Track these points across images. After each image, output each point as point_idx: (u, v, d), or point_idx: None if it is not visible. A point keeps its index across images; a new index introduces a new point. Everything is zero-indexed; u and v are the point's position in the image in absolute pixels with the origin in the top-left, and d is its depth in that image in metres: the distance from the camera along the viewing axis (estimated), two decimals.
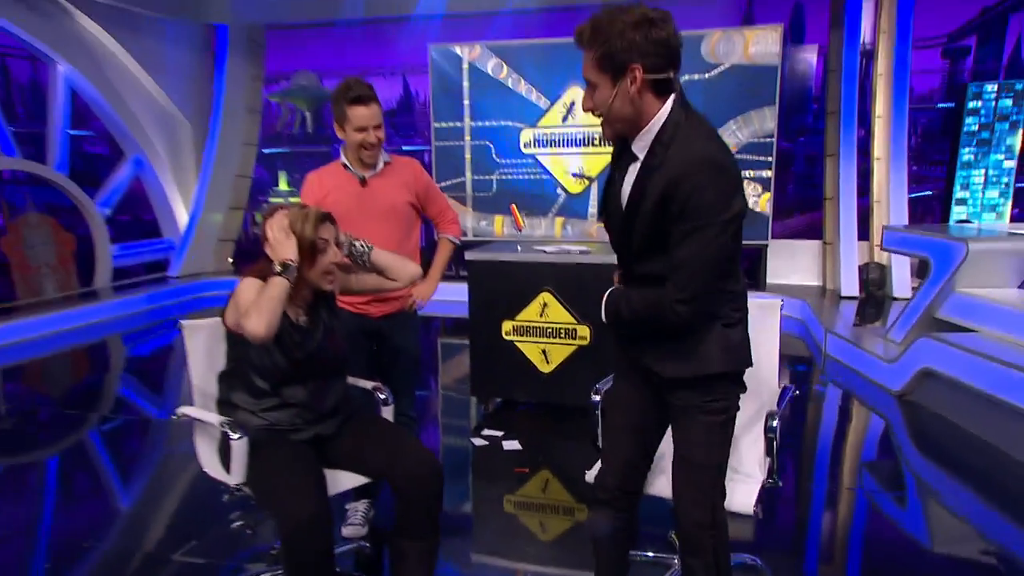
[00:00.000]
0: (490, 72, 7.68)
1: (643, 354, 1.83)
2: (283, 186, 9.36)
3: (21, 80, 7.85)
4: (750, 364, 1.83)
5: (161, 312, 7.79)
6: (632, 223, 1.73)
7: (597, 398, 2.33)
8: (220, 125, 8.96)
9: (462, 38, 8.00)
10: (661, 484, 2.06)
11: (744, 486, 2.14)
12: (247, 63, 9.01)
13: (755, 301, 2.41)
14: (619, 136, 1.76)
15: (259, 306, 1.98)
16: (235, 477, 2.13)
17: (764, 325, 2.41)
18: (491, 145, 7.93)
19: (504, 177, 7.97)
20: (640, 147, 1.70)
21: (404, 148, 9.33)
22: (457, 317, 6.48)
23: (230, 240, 9.43)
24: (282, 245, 2.10)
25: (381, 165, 2.86)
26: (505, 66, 7.63)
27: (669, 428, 1.94)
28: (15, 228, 7.14)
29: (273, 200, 9.27)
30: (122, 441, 4.28)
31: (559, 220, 7.82)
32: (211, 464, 2.31)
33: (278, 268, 2.05)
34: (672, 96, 1.68)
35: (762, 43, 6.98)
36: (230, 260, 9.44)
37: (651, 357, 1.81)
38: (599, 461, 2.22)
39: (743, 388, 1.85)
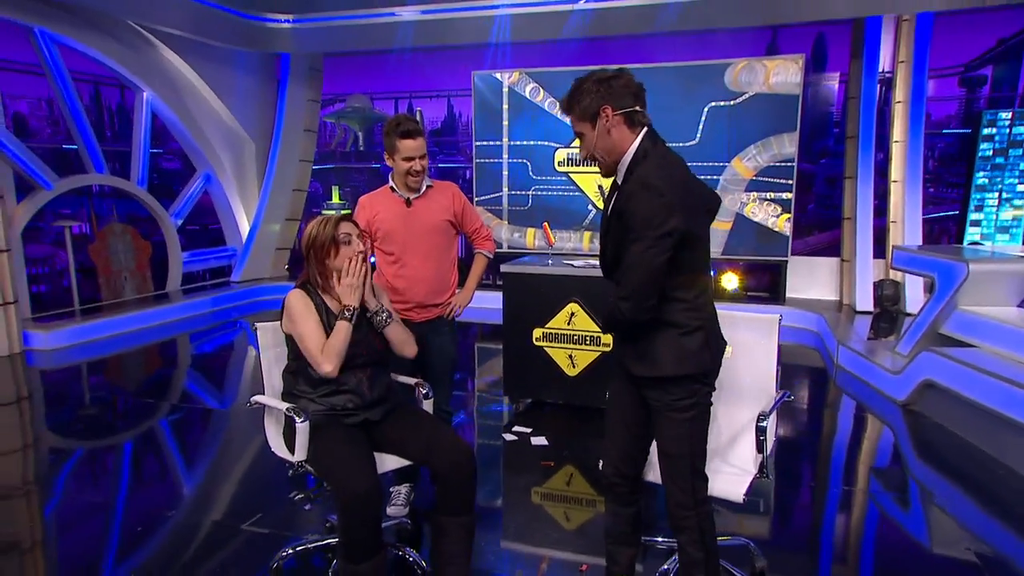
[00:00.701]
0: (527, 95, 7.90)
1: (623, 355, 2.09)
2: (336, 199, 9.56)
3: (111, 105, 8.28)
4: (711, 367, 2.03)
5: (223, 314, 8.04)
6: (605, 239, 2.03)
7: None
8: (280, 143, 9.26)
9: (502, 65, 8.23)
10: (656, 472, 2.24)
11: (737, 478, 2.31)
12: (306, 87, 9.31)
13: (755, 316, 2.62)
14: (611, 172, 2.06)
15: (331, 350, 2.35)
16: (299, 454, 2.37)
17: (763, 337, 2.57)
18: (528, 163, 8.14)
19: (538, 193, 8.16)
20: (620, 175, 2.01)
21: (447, 165, 9.62)
22: (492, 323, 6.68)
23: (286, 248, 9.70)
24: (347, 293, 2.40)
25: (424, 188, 3.09)
26: (542, 90, 7.85)
27: None
28: (102, 236, 7.53)
29: (326, 212, 9.55)
30: (190, 428, 4.54)
31: (587, 234, 7.98)
32: (278, 445, 2.56)
33: (345, 314, 2.38)
34: (644, 129, 1.98)
35: (783, 73, 7.08)
36: (286, 267, 9.74)
37: (626, 357, 2.07)
38: None
39: (711, 387, 2.06)
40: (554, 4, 7.60)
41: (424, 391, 2.76)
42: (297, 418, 2.34)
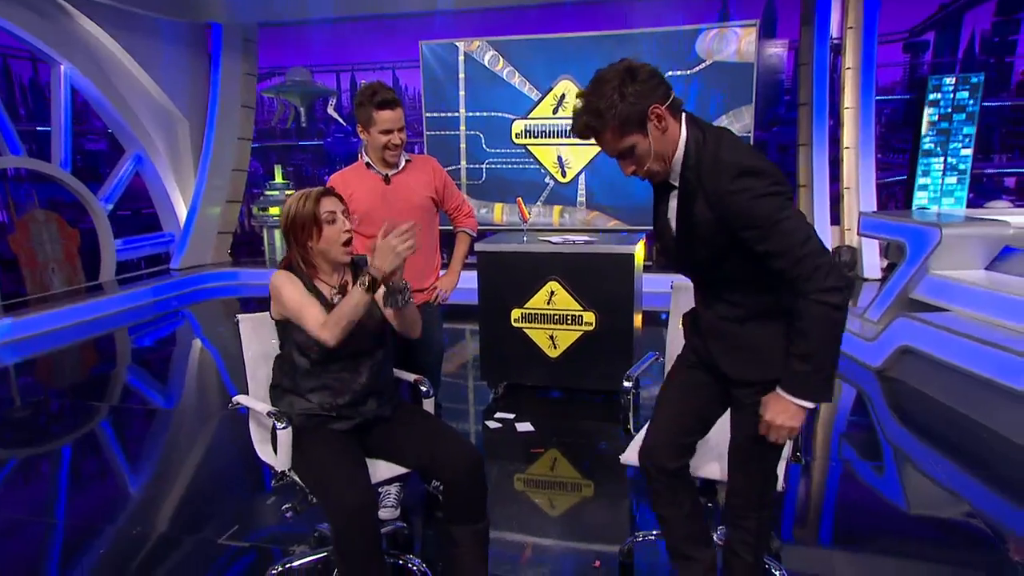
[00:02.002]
0: (487, 64, 7.66)
1: (712, 351, 1.83)
2: (278, 179, 9.24)
3: (23, 80, 7.65)
4: None
5: (164, 304, 7.65)
6: (691, 246, 1.72)
7: (628, 384, 2.33)
8: (216, 121, 8.83)
9: (450, 34, 7.96)
10: (712, 468, 2.08)
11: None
12: (241, 60, 8.84)
13: None
14: (665, 176, 1.73)
15: (336, 318, 2.01)
16: (280, 464, 2.13)
17: None
18: (481, 135, 7.92)
19: (492, 166, 7.98)
20: (674, 176, 1.71)
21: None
22: (460, 304, 6.47)
23: (228, 232, 9.32)
24: (385, 256, 1.97)
25: (403, 163, 2.87)
26: (501, 59, 7.62)
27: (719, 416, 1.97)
28: (23, 225, 6.99)
29: (268, 193, 9.14)
30: (136, 430, 4.21)
31: (557, 208, 7.84)
32: (264, 450, 2.30)
33: (365, 281, 1.98)
34: (683, 115, 1.68)
35: (735, 41, 7.09)
36: (228, 252, 9.34)
37: (721, 355, 1.80)
38: (632, 443, 2.26)
39: None
40: None
41: (425, 389, 2.47)
42: (279, 423, 2.08)
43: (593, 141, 1.67)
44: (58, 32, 7.13)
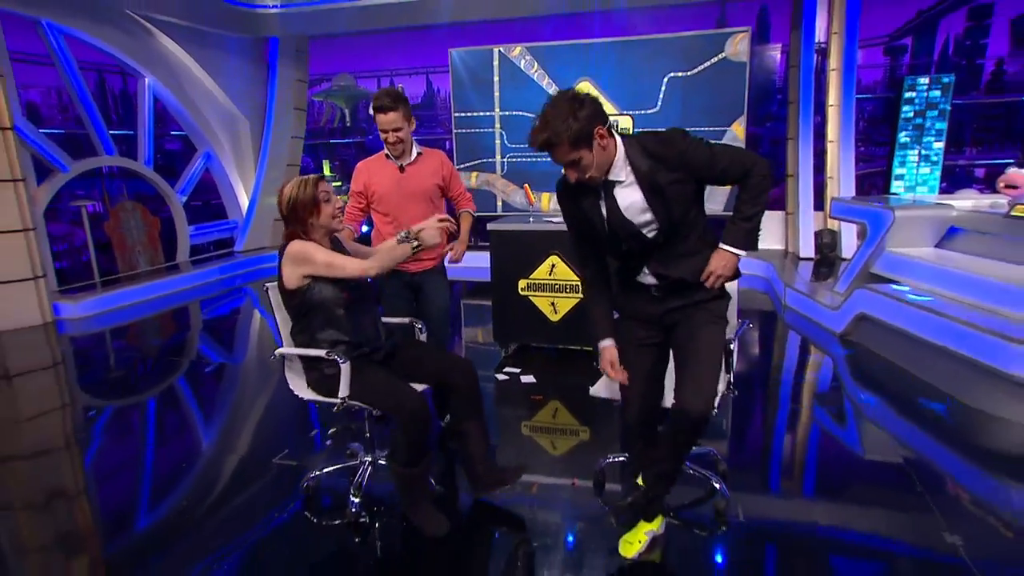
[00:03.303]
0: (522, 68, 7.79)
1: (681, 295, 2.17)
2: (326, 171, 9.52)
3: (115, 91, 8.10)
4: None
5: (229, 281, 7.99)
6: (668, 209, 2.01)
7: None
8: (272, 122, 9.16)
9: (475, 42, 8.13)
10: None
11: None
12: (293, 68, 9.17)
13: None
14: (598, 181, 2.01)
15: (382, 260, 2.40)
16: (343, 392, 2.41)
17: None
18: (503, 132, 8.08)
19: (512, 160, 8.14)
20: (619, 172, 2.01)
21: (427, 136, 9.56)
22: (479, 281, 6.74)
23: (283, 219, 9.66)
24: (432, 235, 2.45)
25: (414, 155, 3.10)
26: (535, 63, 7.75)
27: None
28: (115, 214, 7.43)
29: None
30: (210, 382, 4.58)
31: (546, 195, 7.95)
32: (301, 390, 2.61)
33: (413, 242, 2.43)
34: (616, 136, 2.00)
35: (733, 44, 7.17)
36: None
37: (687, 273, 2.12)
38: (600, 381, 2.59)
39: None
40: None
41: (419, 326, 2.87)
42: (340, 359, 2.39)
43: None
44: (143, 49, 7.54)
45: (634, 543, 2.32)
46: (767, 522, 2.57)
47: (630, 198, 2.03)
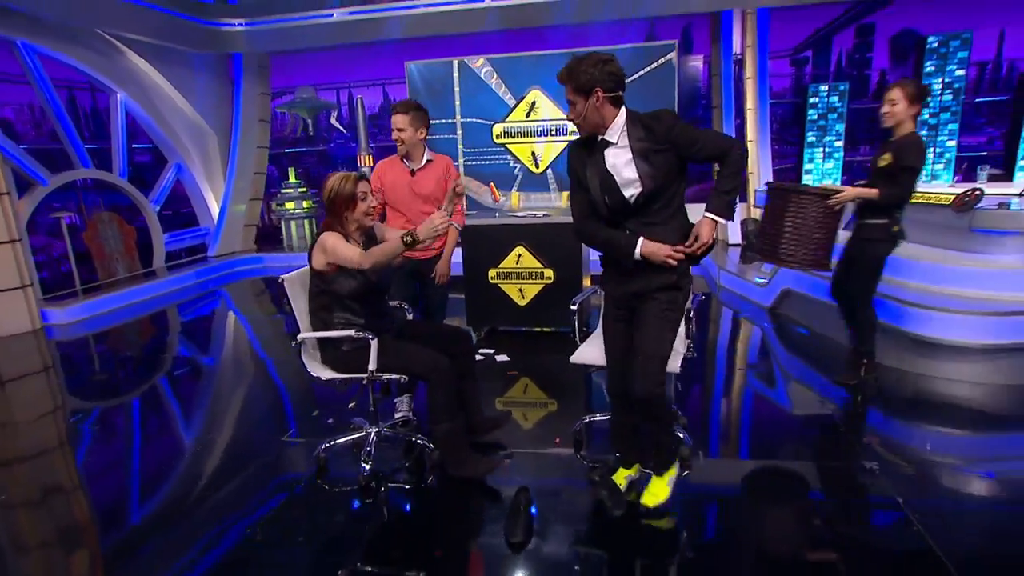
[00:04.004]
0: (482, 77, 7.80)
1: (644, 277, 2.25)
2: (292, 179, 9.39)
3: (86, 107, 7.84)
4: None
5: (204, 285, 7.82)
6: (652, 173, 2.11)
7: (574, 308, 2.84)
8: (239, 133, 9.01)
9: (429, 55, 8.07)
10: None
11: (675, 357, 2.60)
12: (257, 82, 9.04)
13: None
14: (591, 133, 2.18)
15: (374, 255, 2.45)
16: (372, 365, 2.54)
17: None
18: (458, 138, 8.05)
19: (468, 163, 8.14)
20: (613, 135, 2.14)
21: (385, 144, 9.54)
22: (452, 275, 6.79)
23: (253, 225, 9.50)
24: (428, 231, 2.40)
25: (424, 161, 3.21)
26: (495, 74, 7.78)
27: None
28: (92, 224, 7.22)
29: (284, 191, 9.36)
30: (199, 379, 4.54)
31: (521, 194, 7.91)
32: (317, 368, 2.72)
33: (407, 237, 2.42)
34: (623, 108, 2.15)
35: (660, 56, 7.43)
36: (253, 241, 9.55)
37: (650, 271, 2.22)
38: (578, 350, 2.77)
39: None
40: (467, 3, 7.61)
41: (407, 308, 3.06)
42: (370, 335, 2.54)
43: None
44: (114, 67, 7.35)
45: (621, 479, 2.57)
46: (721, 466, 2.84)
47: (620, 158, 2.15)
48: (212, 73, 8.82)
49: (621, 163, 2.15)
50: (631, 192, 2.16)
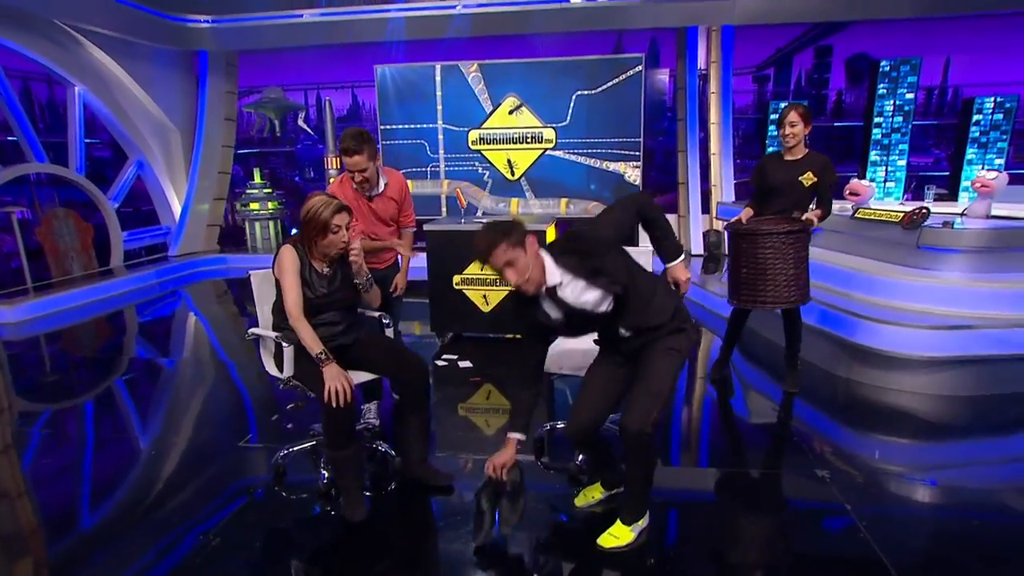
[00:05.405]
0: (470, 83, 7.72)
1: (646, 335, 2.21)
2: (257, 180, 9.22)
3: (41, 99, 7.57)
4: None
5: (166, 285, 7.66)
6: (615, 272, 2.08)
7: None
8: (203, 132, 8.83)
9: (401, 59, 8.07)
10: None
11: None
12: (224, 80, 8.87)
13: (640, 249, 2.98)
14: (536, 291, 2.07)
15: (300, 328, 2.42)
16: (287, 372, 2.52)
17: (647, 265, 2.94)
18: (425, 143, 7.97)
19: (434, 169, 8.08)
20: (554, 278, 2.06)
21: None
22: (411, 280, 6.75)
23: (216, 225, 9.32)
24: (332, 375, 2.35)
25: (381, 187, 3.16)
26: (482, 78, 7.66)
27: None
28: (46, 220, 6.96)
29: (249, 191, 9.17)
30: (159, 381, 4.37)
31: (492, 198, 8.07)
32: (271, 367, 2.67)
33: (322, 356, 2.38)
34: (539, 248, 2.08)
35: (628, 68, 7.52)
36: (216, 242, 9.36)
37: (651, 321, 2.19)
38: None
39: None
40: (438, 9, 7.61)
41: (387, 321, 2.91)
42: (285, 344, 2.48)
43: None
44: (72, 59, 7.11)
45: (587, 497, 2.57)
46: (679, 473, 2.89)
47: (575, 291, 2.08)
48: (177, 69, 8.63)
49: (579, 294, 2.09)
50: (604, 307, 2.12)
